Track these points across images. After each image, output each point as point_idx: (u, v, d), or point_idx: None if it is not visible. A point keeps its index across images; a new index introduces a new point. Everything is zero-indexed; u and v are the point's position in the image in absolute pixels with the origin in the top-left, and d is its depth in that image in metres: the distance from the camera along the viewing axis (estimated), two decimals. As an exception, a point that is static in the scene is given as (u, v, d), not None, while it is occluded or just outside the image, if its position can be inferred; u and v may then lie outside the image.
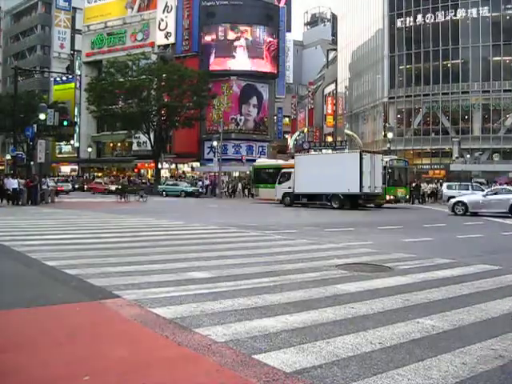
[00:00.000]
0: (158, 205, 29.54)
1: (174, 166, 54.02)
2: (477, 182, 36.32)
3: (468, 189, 30.66)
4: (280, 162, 36.94)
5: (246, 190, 42.97)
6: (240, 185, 43.97)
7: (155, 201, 34.06)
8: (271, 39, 54.58)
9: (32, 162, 47.38)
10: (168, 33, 56.35)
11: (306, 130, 71.92)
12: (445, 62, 52.06)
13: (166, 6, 56.58)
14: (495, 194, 21.70)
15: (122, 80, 44.95)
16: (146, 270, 7.61)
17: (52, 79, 69.79)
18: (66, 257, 8.72)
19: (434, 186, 38.88)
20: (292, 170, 28.09)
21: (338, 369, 3.93)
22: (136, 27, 59.59)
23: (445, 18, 51.72)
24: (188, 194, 41.33)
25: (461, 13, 51.04)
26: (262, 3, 54.59)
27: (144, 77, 45.13)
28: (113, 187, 41.52)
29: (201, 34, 53.70)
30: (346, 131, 64.83)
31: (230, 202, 35.24)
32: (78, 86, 64.39)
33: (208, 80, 46.39)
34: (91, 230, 13.63)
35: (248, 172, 51.53)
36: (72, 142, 65.30)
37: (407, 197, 29.91)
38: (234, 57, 52.97)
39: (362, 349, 4.33)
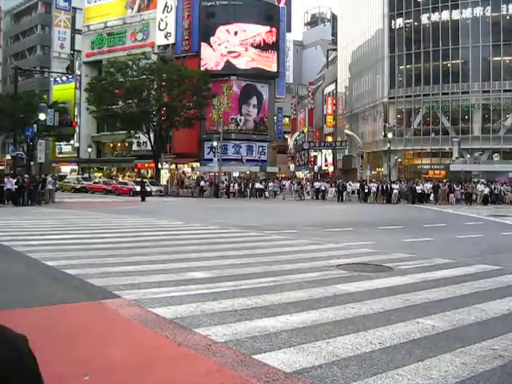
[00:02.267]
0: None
1: (173, 166, 54.03)
2: None
3: None
4: None
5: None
6: (237, 185, 43.66)
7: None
8: (271, 39, 54.56)
9: (32, 162, 47.43)
10: (168, 33, 56.32)
11: (305, 130, 71.95)
12: (445, 62, 52.02)
13: (166, 6, 56.55)
14: None
15: (122, 80, 44.92)
16: (145, 270, 7.61)
17: (52, 79, 69.76)
18: (66, 257, 8.72)
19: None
20: None
21: (338, 369, 3.93)
22: (136, 27, 59.55)
23: (445, 18, 51.70)
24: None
25: (461, 13, 51.02)
26: (262, 3, 54.55)
27: (144, 77, 45.10)
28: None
29: (200, 34, 53.66)
30: (346, 131, 64.82)
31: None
32: (77, 86, 64.36)
33: (208, 80, 46.36)
34: (91, 230, 13.64)
35: (248, 172, 51.55)
36: (72, 142, 65.29)
37: None
38: (233, 57, 52.93)
39: (362, 349, 4.33)
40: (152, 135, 46.35)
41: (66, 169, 66.51)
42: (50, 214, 19.32)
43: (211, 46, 53.13)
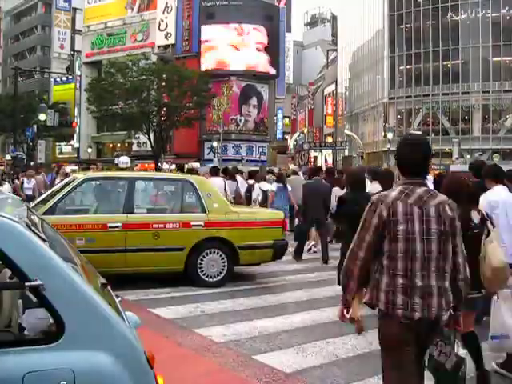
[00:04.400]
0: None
1: (173, 166, 54.06)
2: None
3: None
4: None
5: None
6: None
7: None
8: (271, 39, 54.58)
9: (32, 163, 47.42)
10: (168, 33, 56.31)
11: (305, 130, 71.99)
12: (445, 63, 51.99)
13: (166, 6, 56.54)
14: None
15: (122, 80, 44.93)
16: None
17: (52, 80, 69.78)
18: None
19: None
20: None
21: (338, 369, 3.94)
22: (136, 28, 59.55)
23: (445, 18, 51.69)
24: None
25: (461, 13, 51.02)
26: (262, 3, 54.53)
27: (144, 77, 45.10)
28: None
29: (200, 34, 53.73)
30: (346, 132, 64.83)
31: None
32: (77, 86, 64.39)
33: (208, 81, 46.39)
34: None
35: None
36: (72, 142, 65.32)
37: None
38: (233, 57, 52.97)
39: (362, 349, 4.34)
40: (152, 136, 46.38)
41: (66, 169, 66.51)
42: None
43: (211, 46, 53.05)
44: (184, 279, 6.95)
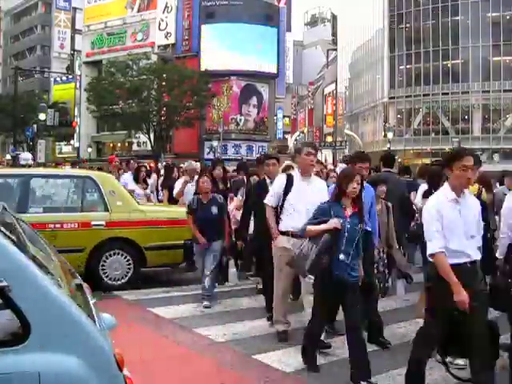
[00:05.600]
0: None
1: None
2: None
3: None
4: None
5: None
6: None
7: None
8: (271, 39, 54.57)
9: (32, 162, 47.41)
10: (168, 33, 56.30)
11: (305, 130, 71.99)
12: (445, 62, 52.00)
13: (166, 6, 56.53)
14: None
15: (122, 80, 44.93)
16: (145, 269, 7.60)
17: (52, 79, 69.79)
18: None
19: None
20: None
21: (338, 369, 3.93)
22: (136, 27, 59.52)
23: (445, 18, 51.69)
24: None
25: (461, 13, 51.02)
26: (262, 3, 54.50)
27: (144, 77, 45.10)
28: None
29: (200, 33, 53.75)
30: (346, 131, 64.85)
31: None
32: (78, 86, 64.37)
33: (208, 80, 46.40)
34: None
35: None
36: (72, 142, 65.32)
37: None
38: (233, 57, 52.95)
39: (362, 349, 4.31)
40: (152, 135, 46.37)
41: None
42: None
43: (211, 45, 53.05)
44: (184, 279, 6.95)
